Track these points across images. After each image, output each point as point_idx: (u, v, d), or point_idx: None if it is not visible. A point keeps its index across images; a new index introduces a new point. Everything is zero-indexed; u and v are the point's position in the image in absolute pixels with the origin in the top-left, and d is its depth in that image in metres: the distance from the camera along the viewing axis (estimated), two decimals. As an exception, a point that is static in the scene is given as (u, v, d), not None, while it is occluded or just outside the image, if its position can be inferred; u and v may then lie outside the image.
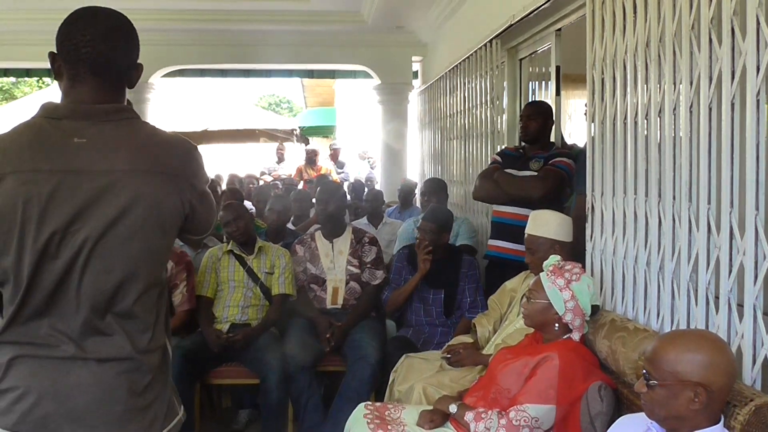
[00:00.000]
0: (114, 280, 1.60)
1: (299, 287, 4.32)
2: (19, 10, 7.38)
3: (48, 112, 1.63)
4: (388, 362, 3.82)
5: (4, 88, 20.37)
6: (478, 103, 5.80)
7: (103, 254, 1.59)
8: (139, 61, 1.74)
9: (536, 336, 2.84)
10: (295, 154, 12.08)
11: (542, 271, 2.81)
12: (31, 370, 1.59)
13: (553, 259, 2.82)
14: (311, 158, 10.03)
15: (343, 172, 11.10)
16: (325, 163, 10.33)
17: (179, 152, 1.71)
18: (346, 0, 7.41)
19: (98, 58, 1.63)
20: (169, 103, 10.37)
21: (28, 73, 11.45)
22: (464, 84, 6.28)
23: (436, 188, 5.30)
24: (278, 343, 4.05)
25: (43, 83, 19.33)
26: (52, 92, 14.42)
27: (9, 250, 1.57)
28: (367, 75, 9.14)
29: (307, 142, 13.82)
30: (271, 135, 12.94)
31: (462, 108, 6.38)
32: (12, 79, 18.98)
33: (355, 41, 8.46)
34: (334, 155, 11.46)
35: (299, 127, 13.65)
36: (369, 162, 12.60)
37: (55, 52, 1.66)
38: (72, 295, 1.59)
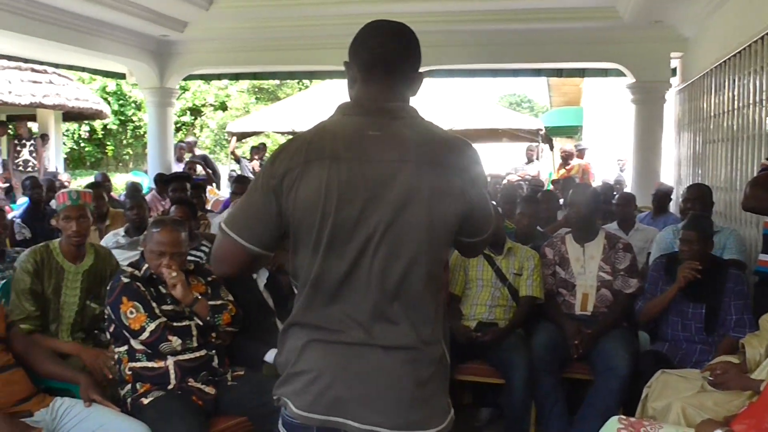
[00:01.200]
0: (401, 266, 1.67)
1: (547, 290, 4.25)
2: (285, 18, 8.07)
3: (344, 110, 1.78)
4: (639, 376, 3.63)
5: (269, 90, 22.33)
6: (750, 102, 5.31)
7: (392, 240, 1.67)
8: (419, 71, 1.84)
9: (823, 364, 2.53)
10: (542, 154, 11.93)
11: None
12: (323, 354, 1.69)
13: None
14: (566, 159, 9.84)
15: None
16: (577, 162, 10.09)
17: (461, 149, 1.76)
18: (601, -5, 7.16)
19: (390, 57, 1.77)
20: (416, 102, 10.70)
21: (291, 75, 12.51)
22: (733, 81, 5.78)
23: (702, 195, 4.90)
24: (525, 344, 4.03)
25: (303, 85, 20.92)
26: (312, 93, 15.55)
27: (311, 231, 1.69)
28: (619, 73, 8.77)
29: (550, 142, 13.58)
30: (513, 135, 12.87)
31: (729, 108, 5.88)
32: (276, 81, 20.72)
33: (608, 38, 8.15)
34: (580, 156, 11.15)
35: (544, 127, 13.40)
36: (618, 164, 12.11)
37: (347, 61, 1.82)
38: (363, 280, 1.68)
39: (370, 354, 1.67)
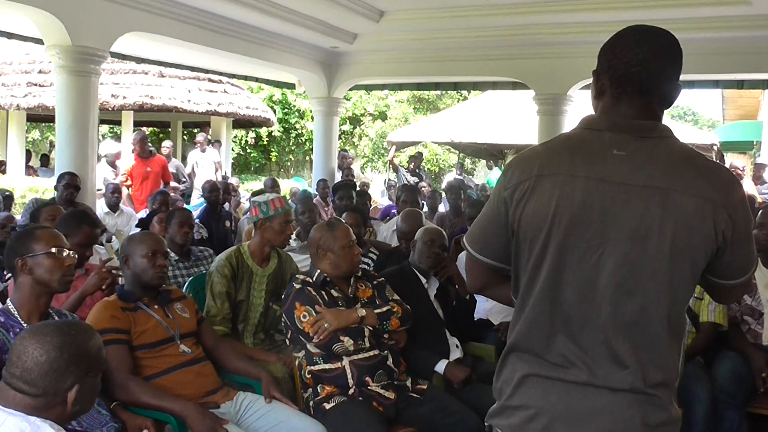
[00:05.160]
0: (636, 303, 1.52)
1: (731, 317, 3.98)
2: (452, 29, 8.10)
3: (589, 123, 1.67)
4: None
5: (429, 100, 22.52)
6: None
7: (627, 274, 1.52)
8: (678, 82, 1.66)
9: None
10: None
11: None
12: (543, 391, 1.59)
13: None
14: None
15: (767, 193, 9.98)
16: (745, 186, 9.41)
17: (720, 179, 1.56)
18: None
19: (648, 78, 1.60)
20: (581, 115, 10.41)
21: (454, 86, 12.57)
22: None
23: None
24: (706, 374, 3.78)
25: (462, 96, 20.94)
26: (471, 104, 15.55)
27: (533, 250, 1.59)
28: (811, 85, 8.10)
29: (722, 158, 12.75)
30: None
31: None
32: (437, 92, 20.87)
33: (804, 45, 7.53)
34: (758, 173, 10.38)
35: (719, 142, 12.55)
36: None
37: (596, 70, 1.68)
38: (592, 315, 1.54)
39: (595, 395, 1.54)
